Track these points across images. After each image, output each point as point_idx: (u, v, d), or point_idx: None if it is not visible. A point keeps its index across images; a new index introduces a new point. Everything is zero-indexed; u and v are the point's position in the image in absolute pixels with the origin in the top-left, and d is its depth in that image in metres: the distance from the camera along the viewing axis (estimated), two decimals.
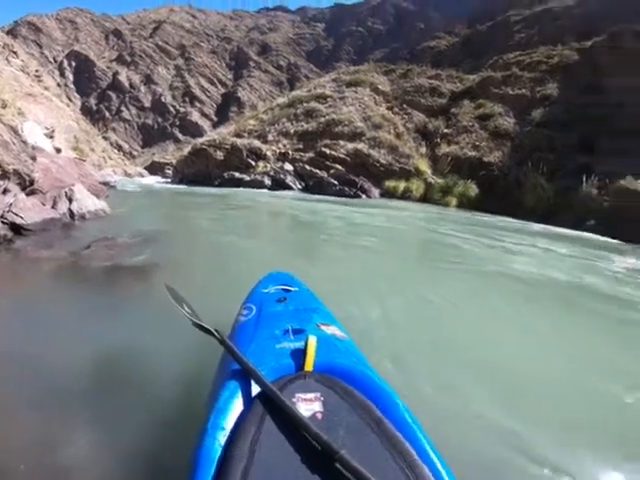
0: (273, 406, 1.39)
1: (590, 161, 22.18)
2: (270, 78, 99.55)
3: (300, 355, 1.67)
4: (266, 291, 2.60)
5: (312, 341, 1.68)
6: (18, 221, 6.79)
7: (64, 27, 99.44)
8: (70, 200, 9.03)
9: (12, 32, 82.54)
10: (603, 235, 14.77)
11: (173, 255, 6.45)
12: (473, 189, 23.33)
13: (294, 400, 1.42)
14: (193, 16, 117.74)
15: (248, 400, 1.48)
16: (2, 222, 6.63)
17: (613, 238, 15.45)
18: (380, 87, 35.55)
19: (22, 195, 8.12)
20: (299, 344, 1.74)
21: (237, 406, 1.45)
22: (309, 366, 1.61)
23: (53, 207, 8.57)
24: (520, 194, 21.85)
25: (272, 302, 2.38)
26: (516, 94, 29.22)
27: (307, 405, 1.41)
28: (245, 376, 1.54)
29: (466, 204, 22.69)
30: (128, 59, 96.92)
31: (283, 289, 2.63)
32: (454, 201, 23.18)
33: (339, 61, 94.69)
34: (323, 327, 2.01)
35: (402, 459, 1.31)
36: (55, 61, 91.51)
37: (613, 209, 19.72)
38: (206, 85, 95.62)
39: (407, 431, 1.41)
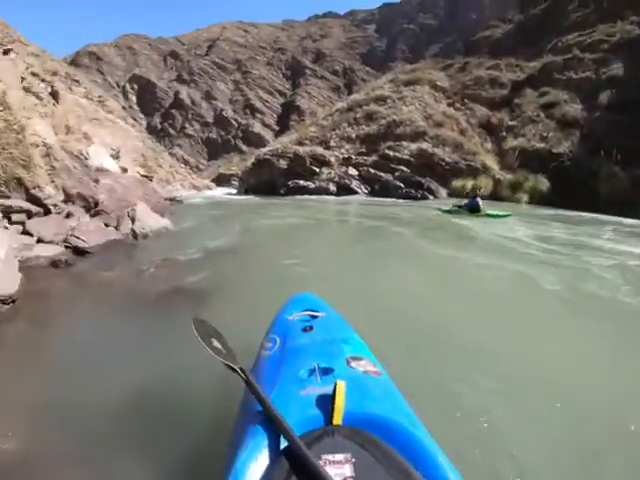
0: (300, 466, 1.27)
1: None
2: (327, 84, 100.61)
3: (328, 404, 1.50)
4: (291, 318, 2.43)
5: (341, 388, 1.51)
6: (80, 244, 6.88)
7: (123, 53, 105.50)
8: (133, 220, 9.06)
9: (74, 62, 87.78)
10: None
11: (229, 276, 6.12)
12: (544, 183, 22.07)
13: (321, 462, 1.26)
14: (245, 31, 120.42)
15: (274, 454, 1.36)
16: (65, 246, 6.79)
17: None
18: (439, 83, 34.89)
19: (86, 217, 8.34)
20: (326, 389, 1.57)
21: (262, 459, 1.35)
22: (338, 419, 1.44)
23: (116, 228, 8.63)
24: (594, 186, 20.19)
25: (297, 331, 2.21)
26: (580, 78, 27.84)
27: (336, 469, 1.26)
28: (270, 425, 1.44)
29: (537, 199, 21.48)
30: (187, 78, 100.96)
31: (310, 315, 2.45)
32: (525, 197, 22.02)
33: (394, 61, 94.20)
34: (354, 363, 1.82)
35: None
36: (118, 86, 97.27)
37: None
38: (265, 96, 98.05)
39: None
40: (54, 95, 16.29)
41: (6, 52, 13.06)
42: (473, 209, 14.01)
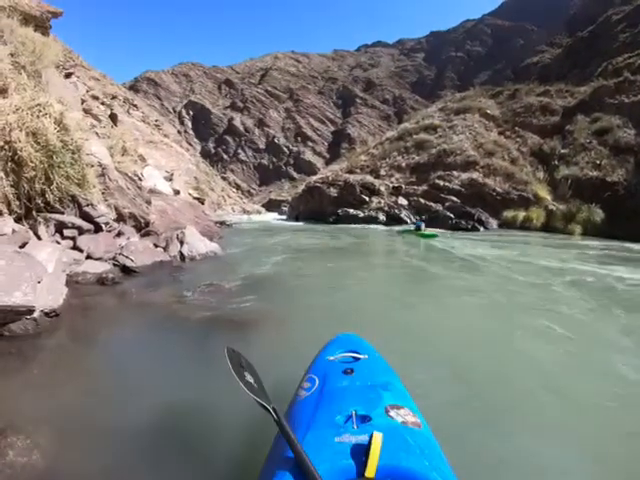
0: None
1: None
2: (377, 113, 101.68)
3: (362, 454, 1.43)
4: (332, 359, 2.37)
5: (377, 440, 1.45)
6: (128, 263, 6.99)
7: (179, 80, 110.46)
8: (181, 242, 9.11)
9: (133, 87, 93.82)
10: None
11: (272, 307, 5.85)
12: (598, 214, 21.04)
13: None
14: (297, 60, 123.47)
15: None
16: (113, 264, 6.88)
17: None
18: (489, 111, 34.41)
19: (135, 237, 8.46)
20: (362, 438, 1.51)
21: None
22: (371, 472, 1.37)
23: (165, 249, 8.72)
24: None
25: (337, 374, 2.15)
26: (632, 102, 26.71)
27: None
28: (299, 472, 1.39)
29: (591, 231, 20.47)
30: (241, 105, 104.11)
31: (352, 356, 2.39)
32: (578, 229, 21.06)
33: (443, 89, 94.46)
34: (393, 412, 1.74)
35: None
36: (174, 111, 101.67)
37: None
38: (316, 124, 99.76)
39: None
40: (112, 118, 17.00)
41: (68, 75, 13.72)
42: (418, 229, 19.07)
